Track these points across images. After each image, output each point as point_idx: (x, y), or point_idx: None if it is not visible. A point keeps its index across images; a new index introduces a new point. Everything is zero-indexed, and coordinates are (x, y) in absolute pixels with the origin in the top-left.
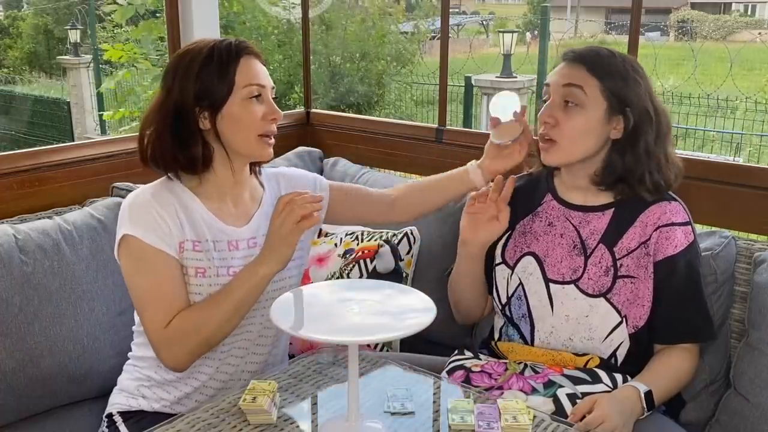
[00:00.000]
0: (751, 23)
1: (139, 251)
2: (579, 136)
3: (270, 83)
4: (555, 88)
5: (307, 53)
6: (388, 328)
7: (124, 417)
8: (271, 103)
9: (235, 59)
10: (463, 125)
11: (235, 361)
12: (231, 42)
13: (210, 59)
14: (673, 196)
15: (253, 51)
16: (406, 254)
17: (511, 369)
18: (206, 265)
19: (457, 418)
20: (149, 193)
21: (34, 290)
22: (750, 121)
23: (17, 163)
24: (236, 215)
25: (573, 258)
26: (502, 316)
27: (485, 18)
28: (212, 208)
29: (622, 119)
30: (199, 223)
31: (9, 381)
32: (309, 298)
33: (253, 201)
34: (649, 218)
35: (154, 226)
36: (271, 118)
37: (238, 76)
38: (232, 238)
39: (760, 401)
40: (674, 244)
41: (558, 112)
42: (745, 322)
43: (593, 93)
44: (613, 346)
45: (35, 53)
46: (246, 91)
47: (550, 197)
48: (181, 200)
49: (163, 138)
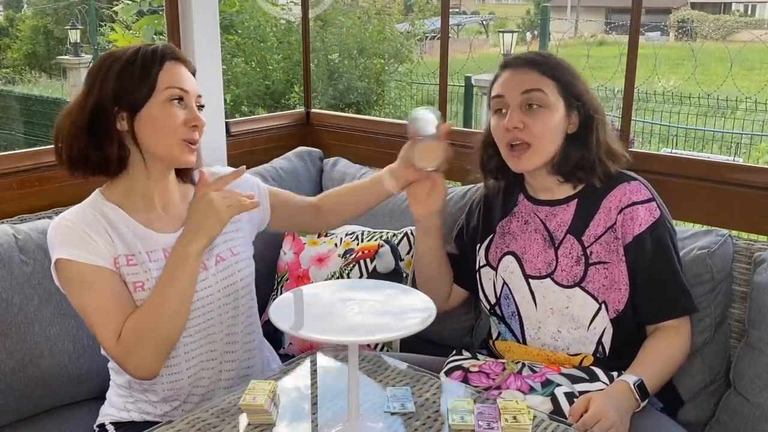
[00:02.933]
0: (751, 23)
1: (76, 272)
2: (549, 135)
3: (195, 91)
4: (512, 97)
5: (306, 53)
6: (388, 328)
7: (116, 427)
8: (194, 110)
9: (160, 62)
10: (463, 125)
11: (208, 373)
12: (158, 47)
13: (133, 61)
14: (633, 175)
15: (180, 57)
16: (406, 254)
17: (508, 369)
18: (144, 278)
19: (457, 418)
20: (73, 215)
21: (34, 290)
22: (750, 121)
23: (17, 163)
24: (167, 221)
25: (546, 252)
26: (493, 316)
27: (485, 18)
28: (141, 219)
29: (576, 114)
30: (129, 237)
31: (9, 381)
32: (310, 298)
33: (185, 204)
34: (611, 202)
35: (85, 245)
36: (192, 125)
37: (160, 78)
38: (167, 246)
39: (760, 401)
40: (638, 223)
41: (524, 117)
42: (745, 322)
43: (552, 93)
44: (597, 333)
45: (35, 53)
46: (167, 93)
47: (522, 196)
48: (107, 217)
49: (77, 136)
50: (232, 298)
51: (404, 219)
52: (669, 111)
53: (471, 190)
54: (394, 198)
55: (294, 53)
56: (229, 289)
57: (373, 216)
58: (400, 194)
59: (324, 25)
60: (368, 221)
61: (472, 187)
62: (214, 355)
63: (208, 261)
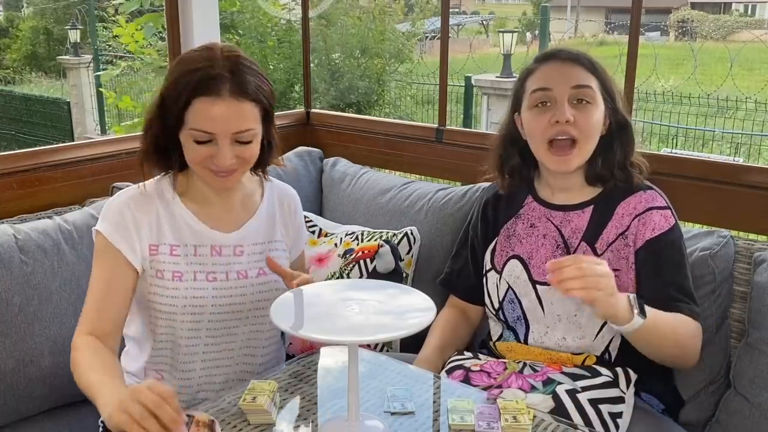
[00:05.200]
0: (751, 23)
1: (103, 246)
2: (595, 133)
3: (228, 129)
4: (561, 90)
5: (306, 53)
6: (388, 328)
7: None
8: (223, 149)
9: (188, 99)
10: (463, 125)
11: (221, 371)
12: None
13: (177, 82)
14: (649, 185)
15: (217, 92)
16: (406, 254)
17: (510, 368)
18: (183, 270)
19: (457, 418)
20: (132, 193)
21: (34, 290)
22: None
23: (17, 163)
24: (225, 221)
25: (557, 258)
26: (497, 320)
27: (485, 18)
28: (198, 211)
29: (609, 115)
30: (182, 227)
31: (9, 381)
32: (311, 297)
33: (245, 209)
34: (625, 209)
35: (123, 227)
36: (216, 163)
37: (187, 116)
38: (216, 243)
39: (760, 401)
40: (652, 228)
41: (573, 111)
42: (745, 322)
43: (598, 91)
44: (605, 342)
45: (35, 53)
46: (189, 133)
47: (530, 198)
48: (166, 202)
49: (150, 129)
50: (263, 309)
51: (404, 219)
52: (669, 111)
53: (471, 190)
54: (394, 198)
55: (295, 53)
56: (262, 303)
57: (373, 216)
58: (400, 193)
59: (327, 24)
60: (368, 221)
61: (472, 187)
62: (231, 353)
63: (250, 271)
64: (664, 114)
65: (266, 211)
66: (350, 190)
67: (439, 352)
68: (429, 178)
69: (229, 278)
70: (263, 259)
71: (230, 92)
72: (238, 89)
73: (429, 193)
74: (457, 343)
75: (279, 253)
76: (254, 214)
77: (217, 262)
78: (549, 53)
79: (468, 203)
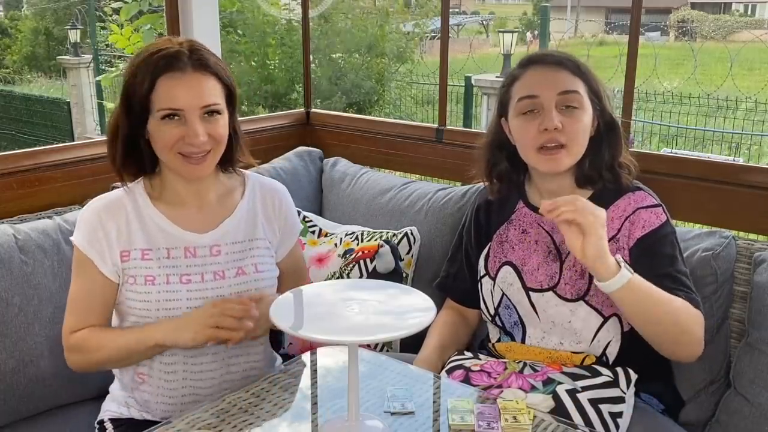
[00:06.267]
0: (751, 23)
1: (78, 256)
2: (583, 137)
3: (195, 104)
4: (548, 97)
5: (307, 53)
6: (388, 328)
7: (115, 424)
8: (193, 124)
9: (151, 82)
10: (463, 125)
11: (210, 375)
12: (158, 55)
13: (135, 75)
14: (638, 185)
15: (177, 67)
16: (406, 254)
17: (510, 368)
18: (156, 273)
19: (457, 418)
20: (103, 202)
21: (34, 290)
22: (750, 121)
23: (17, 163)
24: (200, 221)
25: (549, 264)
26: (494, 325)
27: (485, 18)
28: (171, 214)
29: (597, 117)
30: (153, 231)
31: (9, 381)
32: (311, 297)
33: (222, 208)
34: (614, 213)
35: (94, 237)
36: (188, 142)
37: (152, 99)
38: (190, 245)
39: (760, 401)
40: (642, 225)
41: (561, 118)
42: (745, 322)
43: (584, 94)
44: (601, 346)
45: (35, 53)
46: (159, 114)
47: (521, 204)
48: (137, 207)
49: (117, 131)
50: None
51: (404, 219)
52: (669, 111)
53: (470, 190)
54: (394, 198)
55: (295, 52)
56: None
57: (373, 216)
58: (401, 193)
59: (330, 25)
60: (368, 221)
61: (472, 187)
62: (215, 357)
63: (228, 271)
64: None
65: (246, 209)
66: (350, 190)
67: (438, 352)
68: (429, 178)
69: (205, 279)
70: (243, 258)
71: (192, 67)
72: (199, 64)
73: (429, 193)
74: (457, 343)
75: (261, 251)
76: (232, 213)
77: (192, 264)
78: (534, 57)
79: (468, 203)
